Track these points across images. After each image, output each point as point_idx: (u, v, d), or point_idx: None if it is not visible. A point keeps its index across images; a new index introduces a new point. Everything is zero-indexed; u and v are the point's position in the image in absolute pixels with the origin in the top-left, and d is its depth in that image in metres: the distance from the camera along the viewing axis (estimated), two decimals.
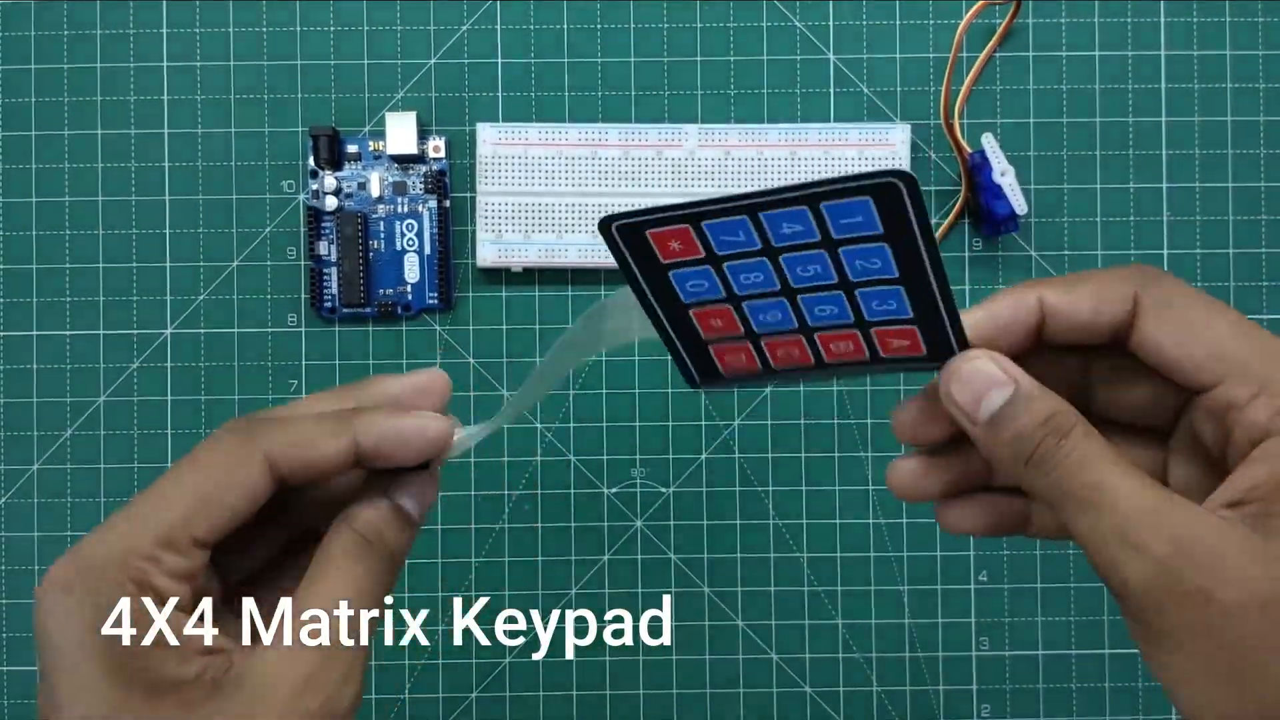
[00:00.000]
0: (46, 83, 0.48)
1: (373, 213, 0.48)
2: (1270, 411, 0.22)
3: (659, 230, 0.30)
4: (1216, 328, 0.23)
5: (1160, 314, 0.24)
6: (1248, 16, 0.48)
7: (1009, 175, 0.45)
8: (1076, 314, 0.24)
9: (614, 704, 0.47)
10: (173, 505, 0.23)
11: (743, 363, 0.32)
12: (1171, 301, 0.24)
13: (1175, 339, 0.24)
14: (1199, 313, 0.24)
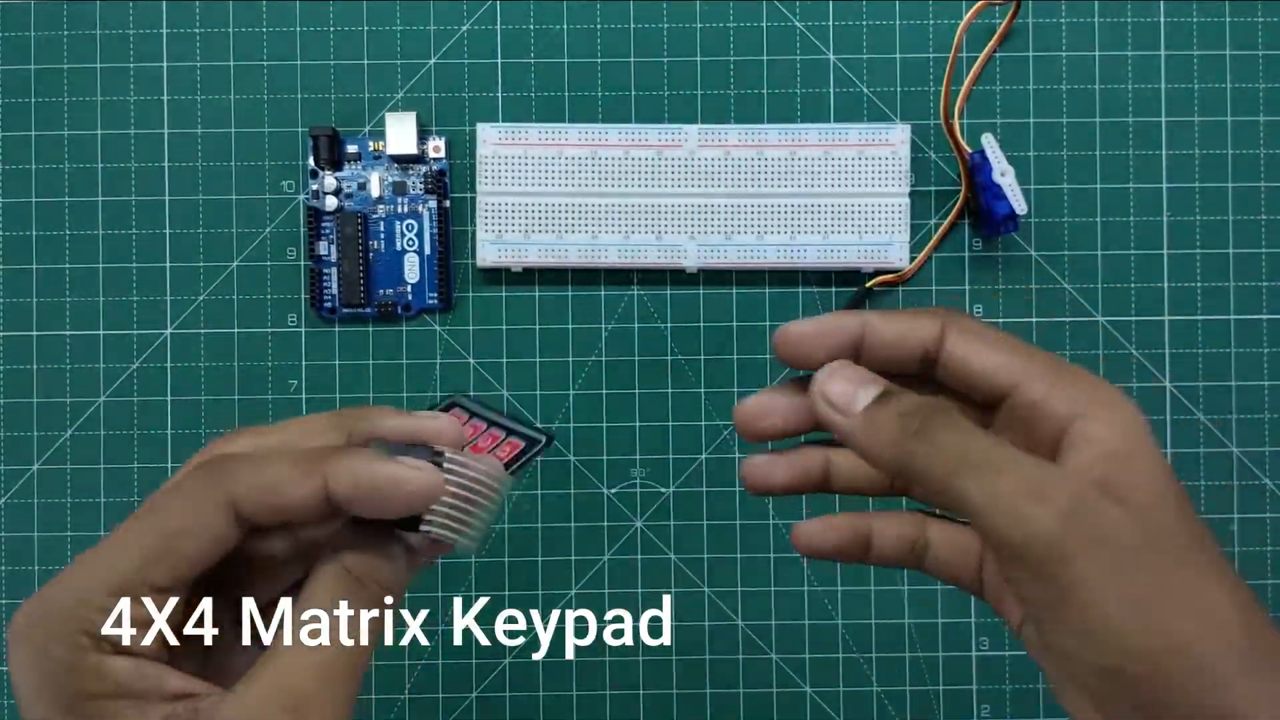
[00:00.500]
0: (46, 83, 0.48)
1: (373, 213, 0.48)
2: (1068, 404, 0.25)
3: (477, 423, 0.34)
4: (1007, 343, 0.27)
5: (963, 335, 0.27)
6: (1247, 16, 0.48)
7: (1009, 175, 0.45)
8: (890, 333, 0.27)
9: (614, 704, 0.47)
10: (130, 553, 0.23)
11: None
12: (970, 328, 0.27)
13: (977, 354, 0.27)
14: (991, 334, 0.27)
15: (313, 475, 0.23)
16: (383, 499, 0.23)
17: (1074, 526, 0.23)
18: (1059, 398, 0.25)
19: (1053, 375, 0.26)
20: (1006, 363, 0.27)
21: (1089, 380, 0.26)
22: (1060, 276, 0.48)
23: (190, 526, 0.23)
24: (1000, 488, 0.24)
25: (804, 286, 0.48)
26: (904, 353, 0.28)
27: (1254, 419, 0.48)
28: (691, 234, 0.46)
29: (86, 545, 0.47)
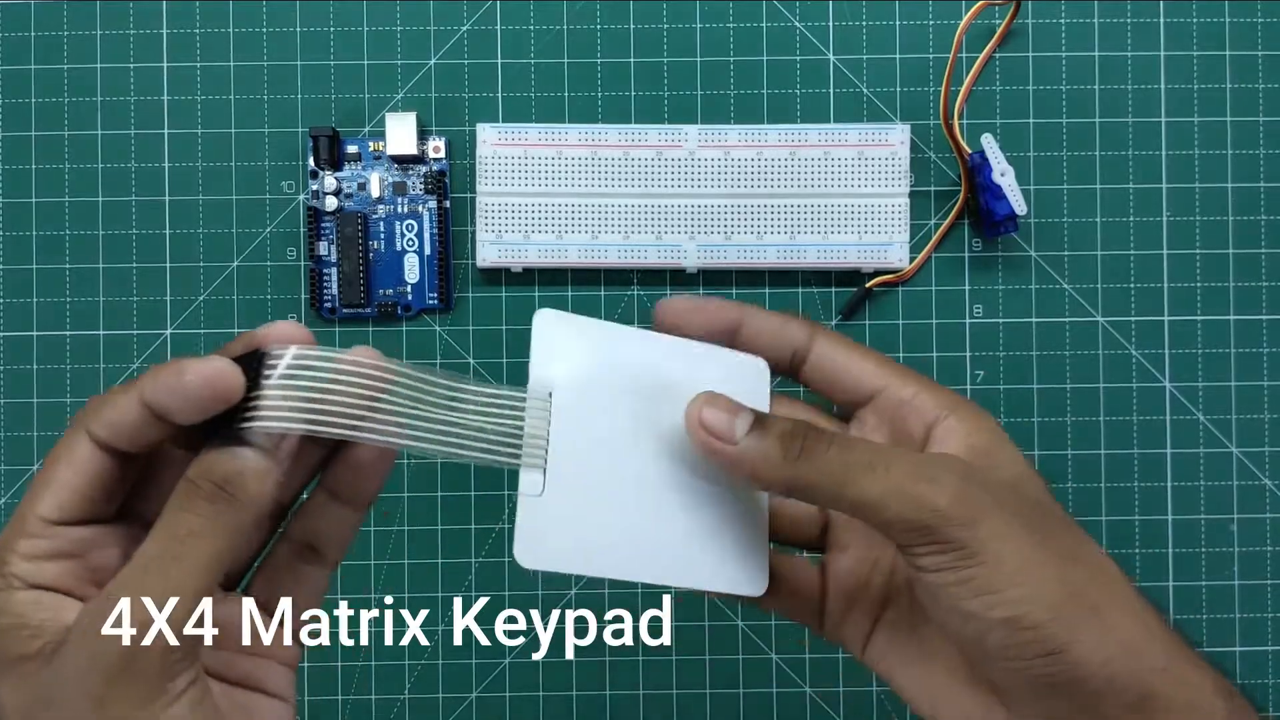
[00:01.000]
0: (46, 83, 0.48)
1: (373, 213, 0.48)
2: (933, 402, 0.29)
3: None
4: (871, 353, 0.31)
5: (831, 342, 0.31)
6: (1247, 17, 0.48)
7: (1008, 175, 0.45)
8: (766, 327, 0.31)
9: (614, 704, 0.47)
10: (25, 501, 0.25)
11: None
12: (835, 337, 0.31)
13: (847, 359, 0.30)
14: (855, 345, 0.31)
15: (131, 388, 0.25)
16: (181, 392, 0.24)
17: (968, 497, 0.26)
18: (925, 399, 0.29)
19: (917, 381, 0.30)
20: (875, 368, 0.30)
21: (948, 391, 0.30)
22: (1060, 277, 0.48)
23: (59, 457, 0.25)
24: (892, 480, 0.26)
25: (804, 287, 0.48)
26: (776, 349, 0.31)
27: (1254, 419, 0.48)
28: (691, 234, 0.46)
29: None
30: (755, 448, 0.27)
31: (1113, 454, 0.48)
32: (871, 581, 0.31)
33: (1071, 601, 0.26)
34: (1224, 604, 0.48)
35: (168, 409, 0.24)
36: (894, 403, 0.30)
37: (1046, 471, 0.48)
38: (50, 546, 0.25)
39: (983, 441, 0.28)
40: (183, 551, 0.24)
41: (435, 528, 0.48)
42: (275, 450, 0.25)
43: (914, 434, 0.29)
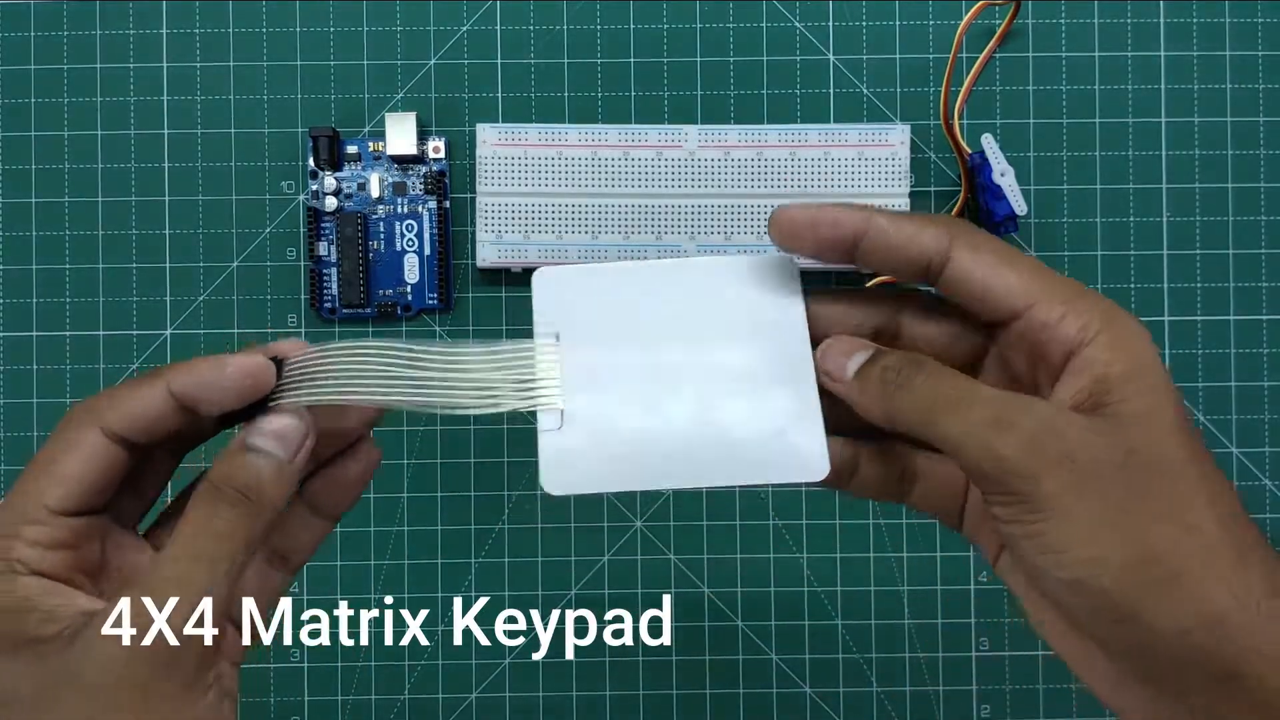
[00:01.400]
0: (46, 84, 0.48)
1: (372, 213, 0.48)
2: (1078, 326, 0.26)
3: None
4: (1022, 263, 0.27)
5: (974, 251, 0.27)
6: (1247, 17, 0.48)
7: (1009, 176, 0.45)
8: (896, 235, 0.27)
9: (614, 704, 0.47)
10: (26, 488, 0.26)
11: None
12: (981, 244, 0.27)
13: (989, 270, 0.27)
14: (1006, 253, 0.27)
15: (155, 381, 0.27)
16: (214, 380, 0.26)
17: (1038, 448, 0.25)
18: (1071, 321, 0.26)
19: (1068, 298, 0.26)
20: (1023, 283, 0.27)
21: (1104, 305, 0.26)
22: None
23: (66, 449, 0.26)
24: (970, 421, 0.25)
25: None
26: (905, 260, 0.28)
27: (1254, 419, 0.48)
28: (691, 235, 0.46)
29: None
30: (860, 382, 0.28)
31: None
32: None
33: (1144, 566, 0.24)
34: None
35: (199, 400, 0.26)
36: (1037, 325, 0.26)
37: None
38: (53, 535, 0.26)
39: (1117, 373, 0.25)
40: (214, 550, 0.26)
41: (435, 528, 0.48)
42: (294, 455, 0.27)
43: (1054, 363, 0.26)
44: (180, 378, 0.26)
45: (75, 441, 0.26)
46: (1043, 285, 0.26)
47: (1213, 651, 0.24)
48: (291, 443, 0.27)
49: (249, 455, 0.27)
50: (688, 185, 0.46)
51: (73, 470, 0.26)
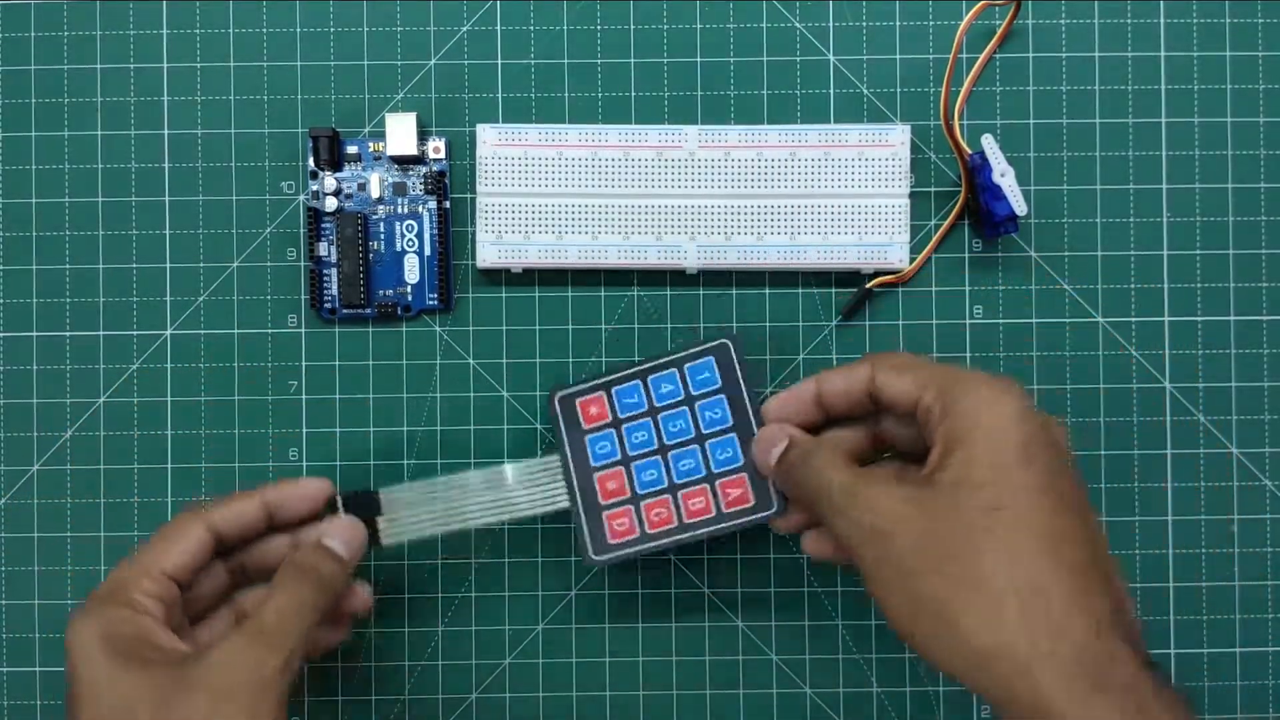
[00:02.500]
0: (46, 83, 0.48)
1: (373, 214, 0.48)
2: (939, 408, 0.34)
3: (585, 399, 0.43)
4: (911, 366, 0.36)
5: (882, 371, 0.37)
6: (1247, 18, 0.48)
7: (1009, 176, 0.45)
8: (837, 384, 0.38)
9: (614, 704, 0.47)
10: (146, 554, 0.37)
11: (625, 529, 0.42)
12: (888, 363, 0.36)
13: (889, 382, 0.36)
14: (903, 361, 0.36)
15: (253, 494, 0.40)
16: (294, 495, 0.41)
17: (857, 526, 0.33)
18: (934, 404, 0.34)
19: (938, 384, 0.34)
20: (908, 382, 0.35)
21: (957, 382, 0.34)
22: (1060, 277, 0.48)
23: (181, 536, 0.38)
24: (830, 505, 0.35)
25: (804, 288, 0.48)
26: (854, 399, 0.38)
27: (1254, 420, 0.48)
28: (691, 235, 0.46)
29: (86, 546, 0.48)
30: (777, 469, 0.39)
31: (1112, 455, 0.48)
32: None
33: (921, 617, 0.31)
34: (1224, 605, 0.48)
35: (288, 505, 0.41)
36: (922, 413, 0.35)
37: None
38: (162, 591, 0.37)
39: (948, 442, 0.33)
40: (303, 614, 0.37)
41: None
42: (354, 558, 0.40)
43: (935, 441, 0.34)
44: (270, 493, 0.40)
45: (185, 530, 0.38)
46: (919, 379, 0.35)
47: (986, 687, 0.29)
48: (354, 549, 0.40)
49: (324, 551, 0.39)
50: (688, 185, 0.46)
51: (183, 548, 0.37)
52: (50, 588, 0.48)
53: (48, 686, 0.47)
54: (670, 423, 0.42)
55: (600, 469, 0.42)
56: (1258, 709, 0.48)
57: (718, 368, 0.42)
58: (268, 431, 0.48)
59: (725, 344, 0.42)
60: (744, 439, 0.41)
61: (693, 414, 0.42)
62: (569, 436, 0.43)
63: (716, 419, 0.42)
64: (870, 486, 0.33)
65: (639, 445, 0.42)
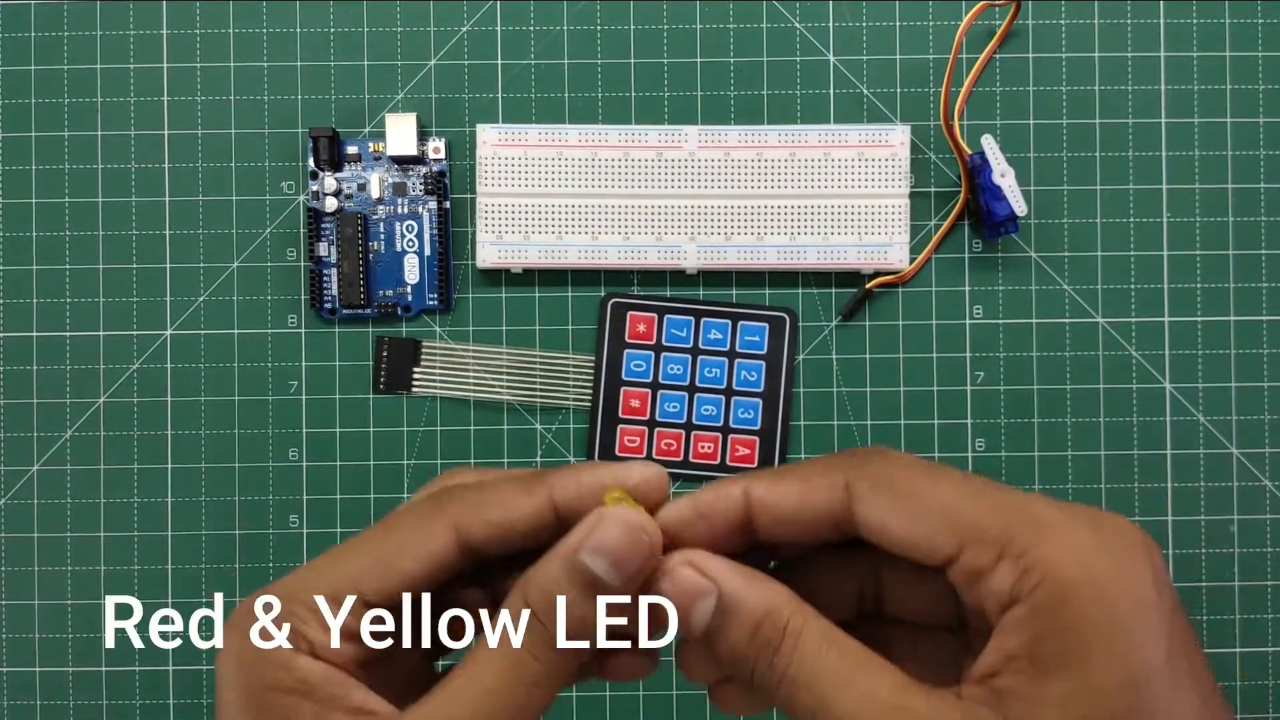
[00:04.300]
0: (46, 84, 0.48)
1: (373, 214, 0.48)
2: (1014, 575, 0.19)
3: (636, 314, 0.44)
4: (940, 494, 0.21)
5: (877, 494, 0.21)
6: (1247, 18, 0.48)
7: (1009, 176, 0.45)
8: (783, 505, 0.22)
9: (614, 704, 0.47)
10: (348, 562, 0.22)
11: (635, 447, 0.42)
12: (886, 480, 0.21)
13: (897, 518, 0.21)
14: (919, 483, 0.21)
15: (536, 490, 0.23)
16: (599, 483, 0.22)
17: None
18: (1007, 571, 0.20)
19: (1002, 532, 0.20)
20: (938, 528, 0.20)
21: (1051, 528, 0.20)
22: (1060, 278, 0.48)
23: (410, 542, 0.22)
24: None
25: (804, 288, 0.48)
26: (806, 529, 0.22)
27: (1254, 420, 0.48)
28: (691, 235, 0.46)
29: (86, 546, 0.48)
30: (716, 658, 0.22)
31: (1113, 455, 0.48)
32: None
33: None
34: (1224, 605, 0.48)
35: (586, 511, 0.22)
36: (971, 575, 0.20)
37: (1047, 473, 0.48)
38: (354, 625, 0.22)
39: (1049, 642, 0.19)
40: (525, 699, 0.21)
41: None
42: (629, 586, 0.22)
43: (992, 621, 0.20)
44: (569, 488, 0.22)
45: (423, 538, 0.22)
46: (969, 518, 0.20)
47: None
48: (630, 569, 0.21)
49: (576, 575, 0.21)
50: (688, 186, 0.46)
51: (408, 572, 0.22)
52: (50, 588, 0.48)
53: (48, 686, 0.47)
54: (707, 367, 0.44)
55: (629, 384, 0.44)
56: (1258, 709, 0.48)
57: (769, 335, 0.44)
58: (268, 431, 0.48)
59: (783, 316, 0.44)
60: (768, 408, 0.43)
61: (730, 367, 0.44)
62: (610, 345, 0.44)
63: (751, 381, 0.44)
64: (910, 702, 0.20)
65: (672, 377, 0.44)
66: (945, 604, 0.23)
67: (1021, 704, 0.19)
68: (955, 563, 0.20)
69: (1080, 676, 0.18)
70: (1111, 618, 0.18)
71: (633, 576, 0.21)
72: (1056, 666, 0.19)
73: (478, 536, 0.22)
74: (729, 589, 0.21)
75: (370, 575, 0.22)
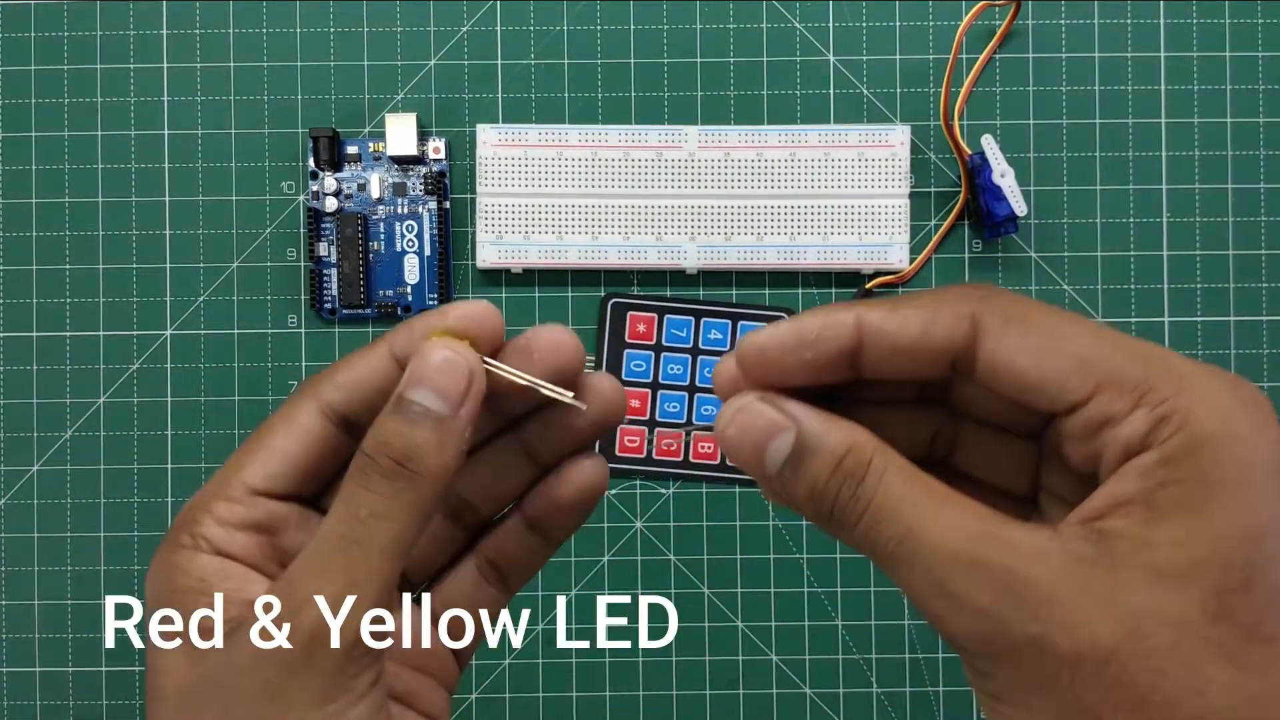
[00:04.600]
0: (47, 83, 0.48)
1: (373, 214, 0.48)
2: (1149, 424, 0.18)
3: (636, 313, 0.43)
4: (1078, 337, 0.19)
5: (1008, 329, 0.20)
6: (1247, 18, 0.48)
7: (1009, 176, 0.45)
8: (902, 334, 0.20)
9: (614, 705, 0.47)
10: (231, 462, 0.23)
11: (635, 447, 0.42)
12: (1019, 316, 0.20)
13: (1031, 354, 0.20)
14: (1054, 323, 0.20)
15: (377, 347, 0.24)
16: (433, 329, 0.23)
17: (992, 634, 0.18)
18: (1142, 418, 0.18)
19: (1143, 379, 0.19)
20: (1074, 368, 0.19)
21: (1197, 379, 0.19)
22: (1060, 278, 0.48)
23: (276, 424, 0.23)
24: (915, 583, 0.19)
25: (804, 288, 0.48)
26: (922, 364, 0.21)
27: None
28: (691, 235, 0.46)
29: (86, 546, 0.48)
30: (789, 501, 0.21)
31: None
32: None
33: None
34: None
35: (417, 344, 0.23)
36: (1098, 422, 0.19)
37: None
38: (247, 515, 0.23)
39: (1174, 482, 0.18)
40: (365, 534, 0.21)
41: None
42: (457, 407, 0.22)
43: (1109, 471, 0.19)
44: (401, 338, 0.23)
45: (289, 418, 0.23)
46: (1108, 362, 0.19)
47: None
48: (452, 392, 0.22)
49: (405, 414, 0.22)
50: (688, 186, 0.46)
51: (279, 447, 0.23)
52: (50, 588, 0.48)
53: (48, 686, 0.47)
54: (707, 367, 0.45)
55: (629, 384, 0.44)
56: None
57: None
58: None
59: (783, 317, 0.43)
60: None
61: None
62: (610, 345, 0.44)
63: None
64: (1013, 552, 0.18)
65: (672, 377, 0.45)
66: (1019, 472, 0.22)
67: (1128, 544, 0.18)
68: (1083, 407, 0.19)
69: (1201, 521, 0.18)
70: (1244, 472, 0.18)
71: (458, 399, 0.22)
72: (1175, 511, 0.18)
73: (334, 399, 0.23)
74: (809, 426, 0.20)
75: (251, 460, 0.23)
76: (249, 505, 0.23)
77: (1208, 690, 0.17)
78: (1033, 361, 0.20)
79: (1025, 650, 0.18)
